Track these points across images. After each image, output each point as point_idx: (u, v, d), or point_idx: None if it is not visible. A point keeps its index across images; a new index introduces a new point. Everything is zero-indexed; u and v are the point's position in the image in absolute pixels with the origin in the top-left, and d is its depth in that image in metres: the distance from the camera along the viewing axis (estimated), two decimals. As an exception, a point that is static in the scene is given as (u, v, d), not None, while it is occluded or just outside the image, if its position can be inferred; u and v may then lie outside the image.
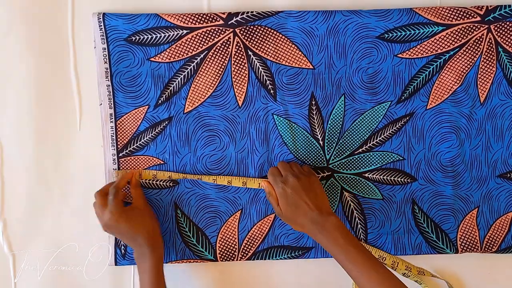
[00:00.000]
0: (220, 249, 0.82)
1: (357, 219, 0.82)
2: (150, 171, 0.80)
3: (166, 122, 0.80)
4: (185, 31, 0.77)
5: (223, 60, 0.78)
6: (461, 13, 0.77)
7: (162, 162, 0.80)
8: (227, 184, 0.80)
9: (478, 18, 0.77)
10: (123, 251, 0.82)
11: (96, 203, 0.76)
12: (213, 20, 0.76)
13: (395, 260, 0.78)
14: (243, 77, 0.79)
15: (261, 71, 0.78)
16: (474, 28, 0.77)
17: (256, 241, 0.82)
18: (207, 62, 0.78)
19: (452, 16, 0.77)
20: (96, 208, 0.76)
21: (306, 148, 0.80)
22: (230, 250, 0.82)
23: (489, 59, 0.78)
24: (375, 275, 0.66)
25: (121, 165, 0.80)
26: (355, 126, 0.80)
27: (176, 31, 0.76)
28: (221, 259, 0.82)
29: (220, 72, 0.78)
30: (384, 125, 0.80)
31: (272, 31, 0.77)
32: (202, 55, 0.78)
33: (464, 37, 0.77)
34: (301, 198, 0.72)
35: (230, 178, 0.80)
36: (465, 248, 0.82)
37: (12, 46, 0.78)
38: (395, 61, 0.78)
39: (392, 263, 0.78)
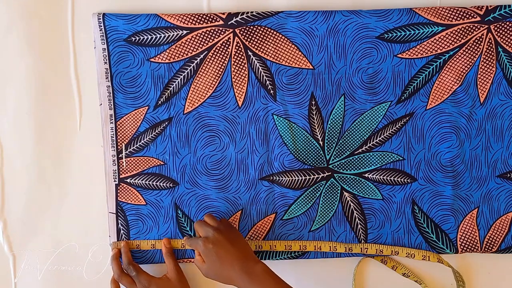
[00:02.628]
0: (220, 249, 0.82)
1: (357, 219, 0.82)
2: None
3: (166, 123, 0.80)
4: (185, 32, 0.77)
5: (223, 60, 0.78)
6: (461, 13, 0.77)
7: (162, 163, 0.80)
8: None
9: (478, 18, 0.77)
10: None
11: (125, 284, 0.77)
12: (213, 21, 0.76)
13: (409, 252, 0.80)
14: (243, 77, 0.78)
15: (261, 71, 0.78)
16: (474, 28, 0.77)
17: (256, 240, 0.82)
18: (207, 62, 0.78)
19: (452, 16, 0.77)
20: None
21: (306, 148, 0.80)
22: (230, 250, 0.82)
23: (489, 59, 0.78)
24: None
25: (121, 165, 0.80)
26: (355, 126, 0.80)
27: (176, 32, 0.76)
28: (221, 259, 0.82)
29: (220, 72, 0.78)
30: (384, 125, 0.80)
31: (272, 31, 0.77)
32: (202, 56, 0.78)
33: (464, 37, 0.77)
34: (225, 250, 0.72)
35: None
36: (465, 248, 0.82)
37: (12, 46, 0.78)
38: (395, 61, 0.78)
39: (407, 254, 0.80)
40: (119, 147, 0.80)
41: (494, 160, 0.81)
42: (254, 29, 0.77)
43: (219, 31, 0.77)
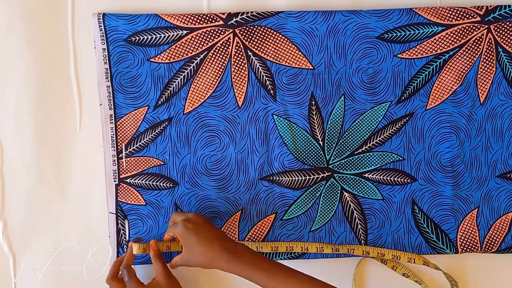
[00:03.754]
0: (220, 249, 0.82)
1: (357, 219, 0.82)
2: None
3: (166, 123, 0.80)
4: (185, 32, 0.77)
5: (223, 60, 0.78)
6: (461, 13, 0.77)
7: (162, 163, 0.80)
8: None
9: (478, 18, 0.77)
10: (125, 250, 0.82)
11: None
12: (213, 21, 0.76)
13: (410, 257, 0.80)
14: (243, 77, 0.79)
15: (261, 72, 0.78)
16: (474, 28, 0.77)
17: (256, 241, 0.82)
18: (207, 62, 0.78)
19: (452, 16, 0.77)
20: None
21: (306, 148, 0.80)
22: (230, 250, 0.82)
23: (489, 59, 0.78)
24: (294, 282, 0.67)
25: (121, 165, 0.80)
26: (355, 126, 0.80)
27: (176, 32, 0.76)
28: (221, 259, 0.82)
29: (220, 72, 0.78)
30: (384, 125, 0.80)
31: (272, 31, 0.77)
32: (202, 56, 0.78)
33: (464, 37, 0.77)
34: (205, 230, 0.71)
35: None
36: (465, 248, 0.82)
37: (12, 46, 0.78)
38: (395, 61, 0.78)
39: (408, 259, 0.80)
40: (119, 147, 0.80)
41: (494, 160, 0.81)
42: (254, 29, 0.77)
43: (219, 31, 0.77)
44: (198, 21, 0.76)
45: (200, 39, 0.77)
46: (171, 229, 0.74)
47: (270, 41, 0.78)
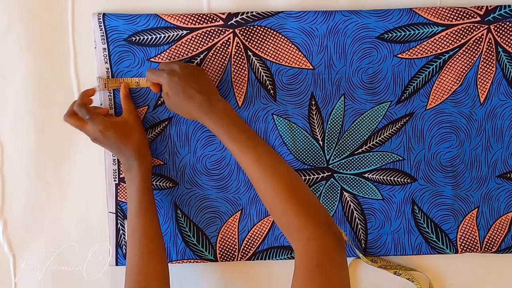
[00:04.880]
0: (220, 249, 0.82)
1: (357, 219, 0.82)
2: (133, 78, 0.78)
3: (166, 123, 0.80)
4: (185, 32, 0.77)
5: (223, 60, 0.78)
6: (461, 13, 0.77)
7: (161, 163, 0.80)
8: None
9: (478, 18, 0.77)
10: (124, 250, 0.82)
11: (73, 125, 0.75)
12: (213, 21, 0.76)
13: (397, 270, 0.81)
14: (243, 77, 0.79)
15: (260, 72, 0.78)
16: (474, 28, 0.77)
17: (256, 241, 0.82)
18: (206, 62, 0.78)
19: (452, 16, 0.77)
20: (81, 128, 0.75)
21: (306, 148, 0.80)
22: (230, 250, 0.82)
23: (489, 59, 0.78)
24: (253, 152, 0.66)
25: (121, 165, 0.80)
26: (355, 126, 0.80)
27: (176, 32, 0.76)
28: (221, 259, 0.82)
29: (220, 72, 0.78)
30: (384, 125, 0.80)
31: (272, 31, 0.77)
32: (202, 56, 0.78)
33: (464, 37, 0.77)
34: (189, 84, 0.71)
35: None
36: (465, 248, 0.82)
37: (12, 46, 0.78)
38: (395, 61, 0.78)
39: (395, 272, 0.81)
40: (119, 147, 0.80)
41: (494, 160, 0.81)
42: (254, 29, 0.77)
43: (219, 31, 0.77)
44: (198, 21, 0.76)
45: (200, 39, 0.77)
46: (156, 74, 0.73)
47: (270, 41, 0.78)
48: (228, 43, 0.77)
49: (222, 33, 0.77)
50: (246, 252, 0.82)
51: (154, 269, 0.73)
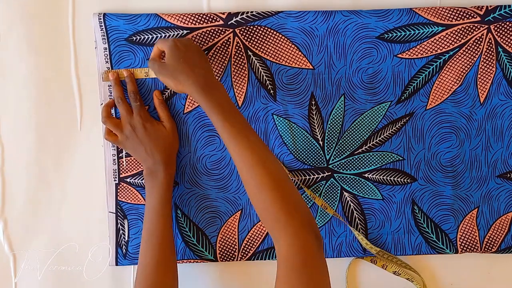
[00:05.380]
0: (220, 249, 0.82)
1: (357, 219, 0.82)
2: (142, 69, 0.77)
3: (166, 122, 0.80)
4: (185, 32, 0.77)
5: (223, 60, 0.78)
6: (461, 13, 0.77)
7: (162, 162, 0.80)
8: None
9: (478, 18, 0.77)
10: (124, 250, 0.82)
11: (122, 112, 0.76)
12: (213, 20, 0.76)
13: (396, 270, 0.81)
14: (243, 77, 0.79)
15: (261, 71, 0.78)
16: (474, 28, 0.77)
17: (256, 241, 0.82)
18: (207, 62, 0.78)
19: (452, 16, 0.77)
20: (123, 117, 0.76)
21: (306, 148, 0.80)
22: (230, 250, 0.82)
23: (489, 59, 0.78)
24: (246, 141, 0.65)
25: (121, 165, 0.80)
26: (355, 126, 0.80)
27: (176, 32, 0.77)
28: (221, 259, 0.82)
29: (220, 72, 0.78)
30: (384, 125, 0.80)
31: (272, 31, 0.77)
32: (202, 55, 0.78)
33: (464, 37, 0.77)
34: (192, 54, 0.70)
35: None
36: (465, 248, 0.82)
37: (13, 46, 0.78)
38: (395, 61, 0.78)
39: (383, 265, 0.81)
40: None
41: (494, 160, 0.81)
42: (254, 29, 0.77)
43: (219, 31, 0.77)
44: (198, 21, 0.76)
45: (200, 39, 0.77)
46: (160, 42, 0.73)
47: (270, 41, 0.78)
48: (228, 43, 0.77)
49: (222, 33, 0.77)
50: (246, 252, 0.82)
51: (167, 279, 0.73)
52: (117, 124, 0.77)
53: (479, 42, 0.78)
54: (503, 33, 0.77)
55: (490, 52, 0.78)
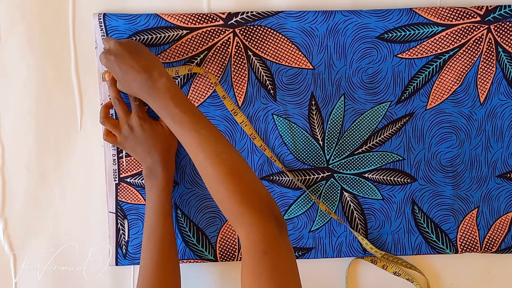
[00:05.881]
0: (220, 249, 0.82)
1: (357, 219, 0.82)
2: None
3: (166, 122, 0.80)
4: (185, 31, 0.77)
5: (223, 60, 0.78)
6: (461, 13, 0.77)
7: (162, 162, 0.80)
8: None
9: (478, 18, 0.77)
10: (124, 250, 0.82)
11: (119, 112, 0.75)
12: (213, 20, 0.76)
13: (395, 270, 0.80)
14: (243, 77, 0.79)
15: (261, 71, 0.78)
16: (474, 28, 0.77)
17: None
18: (207, 62, 0.78)
19: (452, 16, 0.77)
20: (120, 117, 0.76)
21: (306, 148, 0.80)
22: (230, 250, 0.82)
23: (489, 59, 0.78)
24: (196, 136, 0.64)
25: (121, 165, 0.80)
26: (355, 126, 0.80)
27: (176, 31, 0.77)
28: (221, 259, 0.82)
29: (220, 72, 0.78)
30: (384, 125, 0.80)
31: (272, 31, 0.77)
32: (202, 55, 0.78)
33: (464, 37, 0.77)
34: (126, 62, 0.69)
35: None
36: (465, 248, 0.82)
37: (13, 46, 0.78)
38: (395, 61, 0.78)
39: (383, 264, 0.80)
40: (119, 146, 0.80)
41: (494, 160, 0.81)
42: (254, 29, 0.77)
43: (219, 31, 0.77)
44: (198, 21, 0.76)
45: (200, 39, 0.77)
46: (100, 57, 0.72)
47: (270, 41, 0.78)
48: (228, 43, 0.77)
49: (222, 32, 0.77)
50: (246, 252, 0.82)
51: (168, 278, 0.73)
52: (115, 124, 0.77)
53: (479, 42, 0.78)
54: (503, 33, 0.77)
55: (490, 52, 0.78)
